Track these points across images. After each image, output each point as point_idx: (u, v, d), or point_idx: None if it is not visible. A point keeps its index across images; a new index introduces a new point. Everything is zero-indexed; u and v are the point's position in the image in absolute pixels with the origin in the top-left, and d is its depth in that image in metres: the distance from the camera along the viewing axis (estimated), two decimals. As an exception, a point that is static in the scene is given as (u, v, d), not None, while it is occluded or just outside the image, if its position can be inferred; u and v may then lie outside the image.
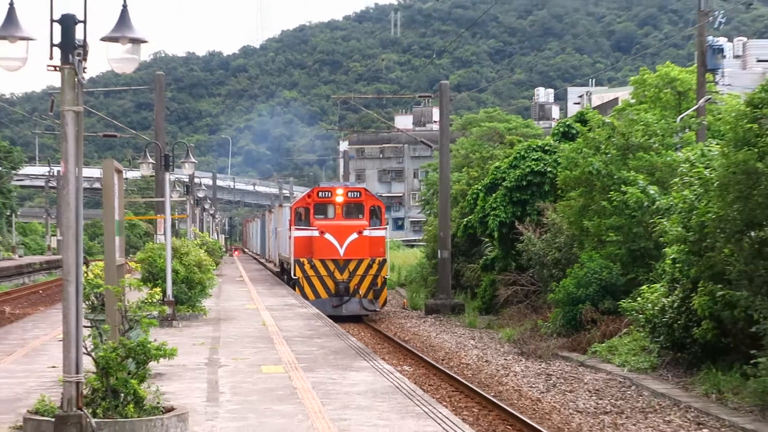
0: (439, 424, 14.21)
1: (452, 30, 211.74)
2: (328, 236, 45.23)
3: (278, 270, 65.08)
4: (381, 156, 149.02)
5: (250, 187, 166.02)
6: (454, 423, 14.46)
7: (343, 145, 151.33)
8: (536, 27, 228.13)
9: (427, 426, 14.03)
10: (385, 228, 48.44)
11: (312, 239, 45.95)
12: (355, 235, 45.40)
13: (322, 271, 44.82)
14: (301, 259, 45.26)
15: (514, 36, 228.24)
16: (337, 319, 34.89)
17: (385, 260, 46.59)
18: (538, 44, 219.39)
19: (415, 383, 19.95)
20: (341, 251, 45.07)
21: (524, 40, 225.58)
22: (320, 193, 48.52)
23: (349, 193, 48.16)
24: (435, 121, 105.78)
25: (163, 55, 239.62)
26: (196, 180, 70.35)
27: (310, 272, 44.77)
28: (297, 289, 45.42)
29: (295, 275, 45.66)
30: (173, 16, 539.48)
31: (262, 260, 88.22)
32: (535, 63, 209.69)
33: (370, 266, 45.51)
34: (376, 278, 45.63)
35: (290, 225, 50.12)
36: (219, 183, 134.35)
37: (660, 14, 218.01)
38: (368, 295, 45.72)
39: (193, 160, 40.45)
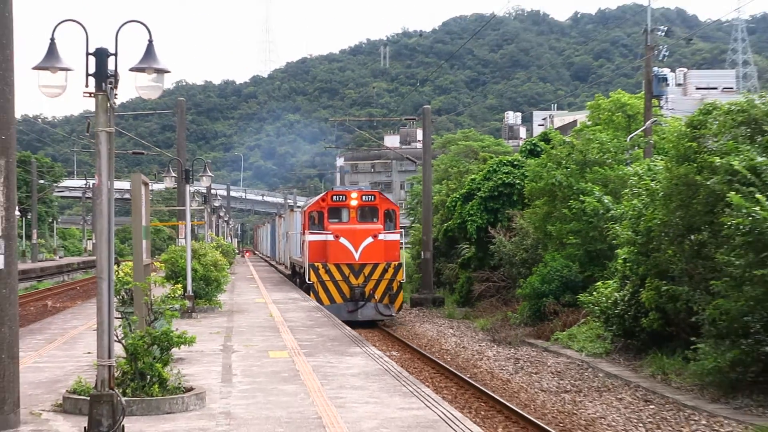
0: (422, 401, 14.19)
1: (433, 62, 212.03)
2: (343, 240, 39.18)
3: (289, 272, 58.21)
4: (372, 170, 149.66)
5: (259, 198, 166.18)
6: (435, 400, 14.43)
7: (340, 161, 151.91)
8: (506, 59, 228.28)
9: (412, 403, 14.00)
10: (400, 232, 42.12)
11: (327, 243, 39.74)
12: (370, 239, 39.29)
13: (337, 276, 38.61)
14: (316, 264, 39.11)
15: (487, 67, 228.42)
16: (353, 324, 30.77)
17: (400, 264, 40.24)
18: (508, 74, 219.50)
19: (401, 366, 19.89)
20: (356, 255, 38.96)
21: (495, 70, 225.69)
22: (334, 197, 41.74)
23: (364, 197, 41.39)
24: (419, 140, 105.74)
25: (184, 83, 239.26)
26: (213, 191, 70.22)
27: (325, 277, 38.61)
28: (311, 294, 39.37)
29: (309, 280, 39.44)
30: (193, 49, 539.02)
31: (273, 262, 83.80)
32: (505, 90, 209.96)
33: (385, 270, 39.27)
34: (391, 282, 39.20)
35: (304, 229, 43.35)
36: (232, 194, 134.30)
37: (612, 48, 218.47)
38: (384, 299, 39.32)
39: (210, 174, 40.53)
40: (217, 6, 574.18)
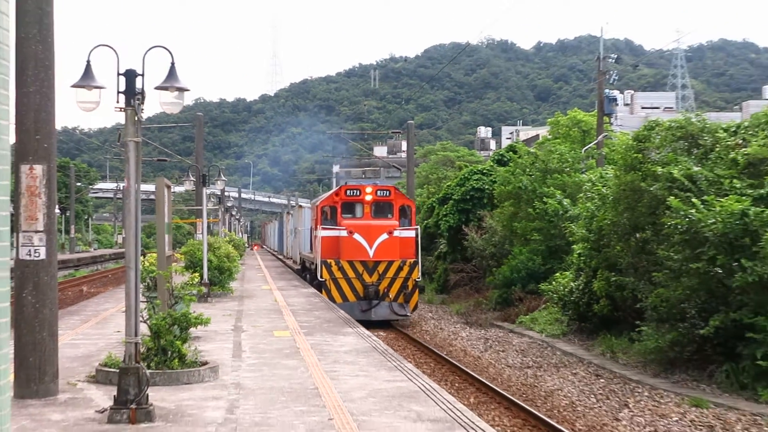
0: (405, 374, 14.19)
1: (416, 83, 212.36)
2: (356, 236, 33.03)
3: (299, 267, 50.86)
4: (363, 176, 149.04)
5: (266, 199, 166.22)
6: (416, 374, 14.44)
7: (336, 168, 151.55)
8: (478, 81, 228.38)
9: (396, 375, 14.01)
10: (416, 228, 35.43)
11: (340, 239, 33.34)
12: (385, 236, 33.09)
13: (350, 273, 32.62)
14: (328, 261, 32.88)
15: (462, 88, 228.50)
16: (367, 324, 26.25)
17: (416, 262, 33.95)
18: (480, 94, 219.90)
19: (387, 345, 19.87)
20: (371, 252, 32.77)
21: (469, 91, 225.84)
22: (348, 191, 35.30)
23: (379, 192, 35.25)
24: (403, 151, 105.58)
25: (202, 100, 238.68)
26: (226, 193, 70.01)
27: (338, 274, 32.61)
28: (323, 291, 33.15)
29: (321, 277, 33.19)
30: (210, 70, 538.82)
31: (280, 256, 79.87)
32: (478, 108, 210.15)
33: (400, 268, 33.12)
34: (406, 281, 33.11)
35: (316, 224, 36.63)
36: (243, 195, 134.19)
37: (570, 73, 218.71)
38: (398, 298, 33.16)
39: (224, 178, 40.62)
40: (231, 34, 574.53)
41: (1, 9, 3.31)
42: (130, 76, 10.82)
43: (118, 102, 10.90)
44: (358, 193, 34.91)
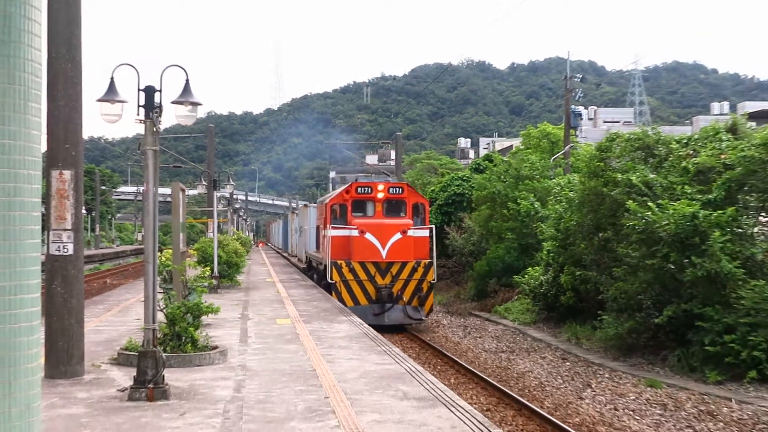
0: (392, 358, 14.19)
1: (404, 99, 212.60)
2: (368, 236, 28.41)
3: (304, 266, 45.15)
4: (356, 182, 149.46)
5: (270, 201, 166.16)
6: (402, 358, 14.43)
7: (332, 174, 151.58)
8: (459, 98, 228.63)
9: (384, 359, 14.01)
10: (431, 227, 30.53)
11: (351, 239, 28.58)
12: (398, 235, 28.35)
13: (362, 275, 27.99)
14: (339, 261, 28.21)
15: (445, 104, 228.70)
16: (379, 328, 22.80)
17: (431, 263, 29.07)
18: (460, 109, 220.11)
19: (376, 331, 19.89)
20: (383, 253, 28.12)
21: (451, 106, 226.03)
22: (359, 189, 30.37)
23: (391, 189, 30.39)
24: (392, 159, 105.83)
25: (213, 113, 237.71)
26: (234, 196, 70.08)
27: (349, 276, 28.02)
28: (333, 294, 28.44)
29: (331, 279, 28.45)
30: (220, 86, 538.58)
31: (285, 253, 75.84)
32: (458, 121, 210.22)
33: (414, 270, 28.36)
34: (421, 283, 28.26)
35: (325, 223, 31.50)
36: (249, 198, 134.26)
37: (540, 90, 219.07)
38: (412, 301, 28.37)
39: (232, 183, 40.75)
40: (240, 54, 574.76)
41: (34, 31, 3.30)
42: (149, 91, 10.85)
43: (138, 115, 10.93)
44: (369, 191, 29.76)
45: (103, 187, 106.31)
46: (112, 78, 11.12)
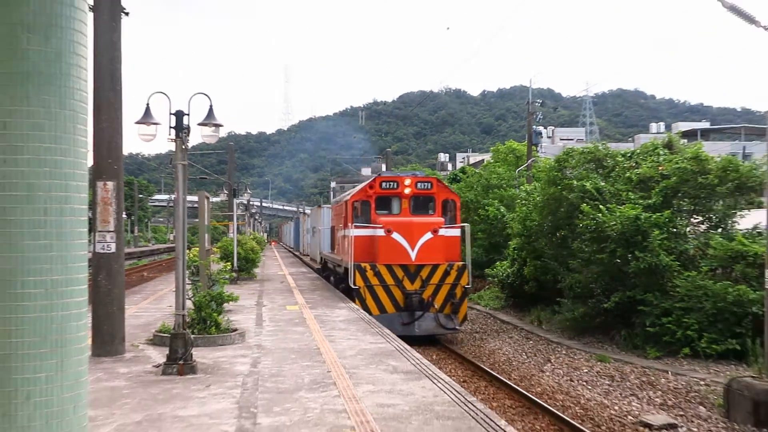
0: (384, 338, 14.18)
1: (393, 121, 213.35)
2: (396, 236, 21.91)
3: (319, 267, 36.81)
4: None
5: (281, 207, 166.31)
6: (392, 338, 14.40)
7: (333, 184, 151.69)
8: (439, 119, 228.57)
9: (377, 339, 13.99)
10: (464, 226, 23.40)
11: (376, 240, 22.09)
12: (429, 235, 21.85)
13: (389, 280, 21.64)
14: (363, 265, 21.85)
15: (427, 125, 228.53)
16: (409, 340, 16.94)
17: (464, 266, 22.33)
18: (440, 129, 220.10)
19: (370, 317, 19.89)
20: (412, 255, 21.70)
21: (432, 127, 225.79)
22: (384, 184, 23.75)
23: (419, 184, 23.69)
24: (383, 171, 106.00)
25: (233, 133, 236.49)
26: (250, 202, 70.09)
27: (374, 280, 21.63)
28: (357, 301, 21.82)
29: (355, 284, 21.92)
30: (239, 110, 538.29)
31: (296, 252, 69.98)
32: (439, 139, 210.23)
33: (447, 273, 21.82)
34: (453, 288, 21.78)
35: (345, 222, 24.53)
36: (264, 204, 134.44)
37: (507, 113, 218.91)
38: (445, 309, 21.85)
39: (249, 192, 40.91)
40: (255, 82, 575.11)
41: (81, 65, 3.31)
42: (179, 115, 10.87)
43: (170, 134, 10.94)
44: (395, 186, 23.06)
45: (141, 196, 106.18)
46: (147, 104, 11.12)
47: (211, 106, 11.33)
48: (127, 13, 12.45)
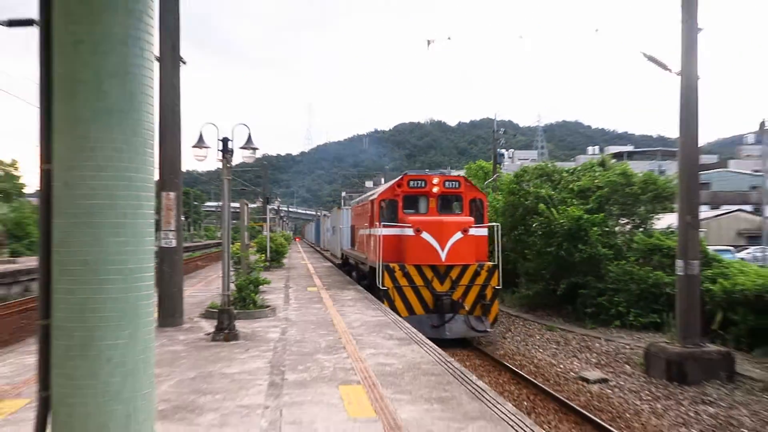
0: (383, 312, 14.12)
1: (390, 146, 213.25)
2: (425, 236, 16.69)
3: (340, 262, 32.03)
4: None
5: (303, 211, 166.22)
6: (389, 311, 14.37)
7: (343, 193, 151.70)
8: (425, 144, 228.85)
9: (378, 313, 13.95)
10: (493, 226, 18.13)
11: (404, 240, 16.95)
12: (459, 235, 16.62)
13: (418, 281, 16.52)
14: (392, 265, 16.59)
15: (416, 148, 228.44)
16: (440, 342, 13.76)
17: (495, 266, 16.86)
18: (426, 151, 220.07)
19: (372, 296, 19.86)
20: (443, 255, 16.43)
21: (420, 149, 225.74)
22: (412, 182, 18.53)
23: (447, 183, 18.62)
24: (383, 185, 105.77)
25: (266, 154, 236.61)
26: (279, 208, 70.15)
27: (402, 281, 16.48)
28: (386, 302, 16.31)
29: (383, 285, 16.43)
30: (272, 135, 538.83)
31: (318, 247, 65.74)
32: (425, 160, 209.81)
33: (477, 274, 16.63)
34: (484, 289, 16.70)
35: (371, 221, 19.38)
36: (290, 209, 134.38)
37: (477, 139, 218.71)
38: (475, 310, 16.73)
39: (278, 200, 40.77)
40: (285, 114, 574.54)
41: (149, 102, 3.34)
42: (225, 141, 10.87)
43: (218, 156, 10.94)
44: (423, 185, 18.26)
45: (195, 203, 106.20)
46: (200, 132, 11.10)
47: (249, 134, 11.32)
48: (184, 63, 12.46)
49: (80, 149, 3.11)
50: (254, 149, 11.46)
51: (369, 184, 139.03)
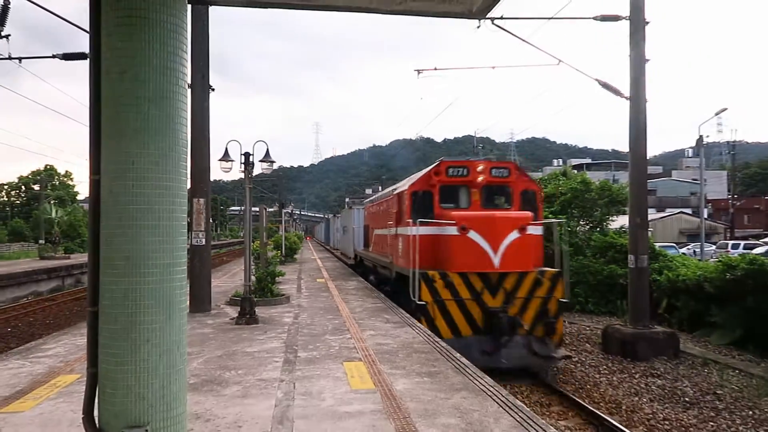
0: (380, 300, 14.05)
1: (386, 159, 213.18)
2: (473, 236, 9.26)
3: (352, 262, 25.70)
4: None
5: (313, 214, 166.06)
6: (385, 299, 14.35)
7: (347, 200, 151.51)
8: (416, 158, 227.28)
9: (377, 301, 13.89)
10: (550, 223, 12.17)
11: (446, 241, 9.64)
12: (515, 234, 9.27)
13: (464, 293, 9.20)
14: (430, 273, 9.48)
15: (408, 161, 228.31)
16: (494, 372, 7.96)
17: (559, 273, 9.72)
18: (417, 164, 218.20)
19: (372, 287, 19.79)
20: (496, 260, 9.14)
21: (412, 163, 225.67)
22: (451, 170, 10.70)
23: (494, 170, 10.58)
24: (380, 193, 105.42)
25: (282, 166, 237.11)
26: (293, 211, 70.18)
27: (444, 294, 9.20)
28: (423, 321, 9.48)
29: (420, 299, 9.38)
30: (286, 149, 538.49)
31: (327, 246, 58.79)
32: (416, 171, 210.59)
33: (537, 284, 9.40)
34: (546, 303, 9.46)
35: (398, 218, 12.28)
36: (302, 213, 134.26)
37: (460, 155, 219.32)
38: (536, 329, 9.47)
39: (292, 205, 40.62)
40: (297, 132, 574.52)
41: (182, 123, 3.35)
42: (247, 155, 10.87)
43: (241, 168, 10.93)
44: (465, 173, 11.67)
45: (221, 207, 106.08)
46: (226, 148, 11.12)
47: (267, 149, 11.33)
48: (213, 89, 12.47)
49: (124, 162, 3.12)
50: (271, 162, 11.47)
51: (368, 191, 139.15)
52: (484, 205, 11.70)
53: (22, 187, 68.53)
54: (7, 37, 12.54)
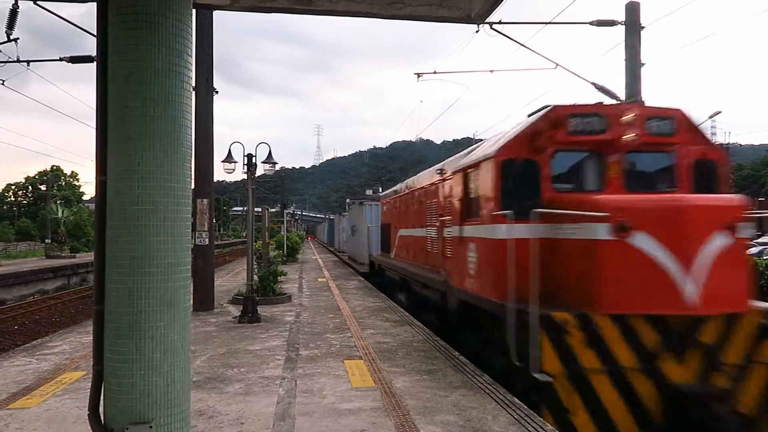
0: (381, 299, 14.07)
1: (386, 160, 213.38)
2: (642, 241, 2.93)
3: (366, 270, 19.72)
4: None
5: (314, 215, 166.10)
6: (386, 298, 14.35)
7: (348, 200, 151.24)
8: (415, 159, 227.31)
9: (377, 300, 13.91)
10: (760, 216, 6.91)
11: (583, 250, 3.23)
12: (722, 239, 2.98)
13: (624, 357, 2.97)
14: (557, 317, 3.09)
15: (408, 162, 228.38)
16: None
17: None
18: (416, 165, 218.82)
19: (372, 287, 19.79)
20: (691, 290, 2.88)
21: (411, 164, 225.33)
22: (576, 121, 3.48)
23: (653, 123, 3.48)
24: (380, 193, 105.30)
25: (284, 167, 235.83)
26: (294, 211, 70.24)
27: (589, 359, 2.95)
28: (545, 411, 3.29)
29: (543, 369, 3.12)
30: (288, 151, 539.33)
31: (331, 247, 54.20)
32: (416, 173, 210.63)
33: (764, 335, 2.93)
34: None
35: (470, 208, 5.10)
36: (303, 213, 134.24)
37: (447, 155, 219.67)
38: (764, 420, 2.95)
39: (294, 205, 40.66)
40: (299, 135, 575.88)
41: (187, 126, 3.37)
42: (250, 156, 10.88)
43: (244, 169, 10.94)
44: (603, 125, 4.07)
45: (224, 208, 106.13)
46: (229, 149, 11.11)
47: (269, 151, 11.35)
48: (216, 92, 12.48)
49: (129, 164, 3.12)
50: (273, 163, 11.49)
51: (368, 192, 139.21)
52: (632, 187, 5.86)
53: (29, 187, 68.63)
54: (15, 40, 12.55)
